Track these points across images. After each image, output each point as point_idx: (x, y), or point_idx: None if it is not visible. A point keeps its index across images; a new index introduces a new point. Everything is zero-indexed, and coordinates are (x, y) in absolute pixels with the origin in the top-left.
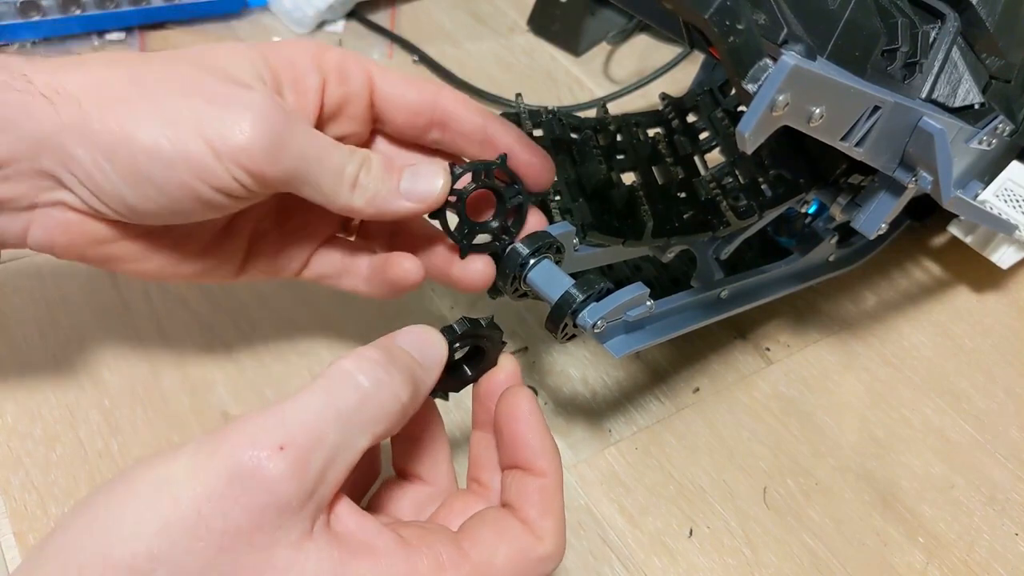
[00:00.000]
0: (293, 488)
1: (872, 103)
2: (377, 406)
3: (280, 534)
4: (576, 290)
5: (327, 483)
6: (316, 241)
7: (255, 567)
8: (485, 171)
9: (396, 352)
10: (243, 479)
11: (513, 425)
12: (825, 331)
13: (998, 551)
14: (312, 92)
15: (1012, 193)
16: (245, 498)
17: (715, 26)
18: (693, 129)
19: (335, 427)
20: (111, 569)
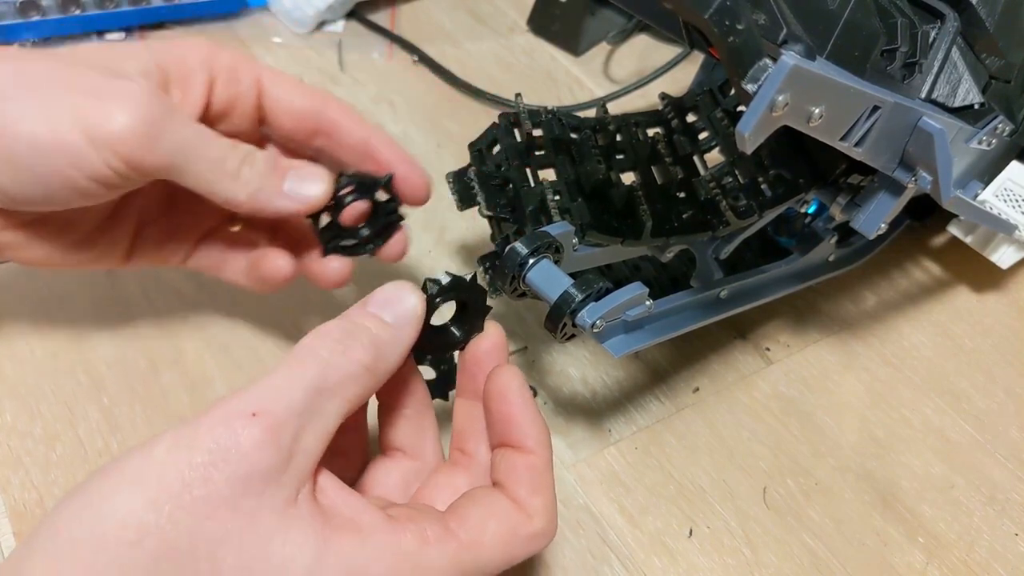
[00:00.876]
0: (270, 454)
1: (872, 103)
2: (340, 372)
3: (263, 500)
4: (575, 290)
5: (305, 451)
6: (200, 232)
7: (239, 533)
8: (371, 185)
9: (357, 320)
10: (221, 450)
11: (502, 405)
12: (825, 331)
13: (998, 551)
14: (198, 89)
15: (1012, 193)
16: (225, 467)
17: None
18: (693, 129)
19: (303, 395)
20: (102, 542)
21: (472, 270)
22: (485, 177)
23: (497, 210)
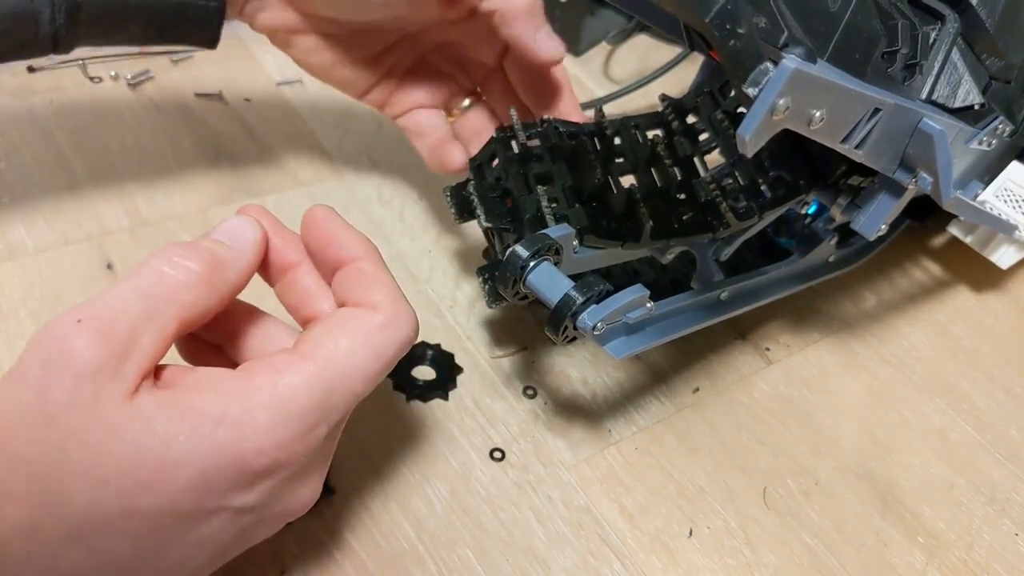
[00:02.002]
0: (98, 352)
1: (873, 105)
2: (173, 280)
3: (102, 396)
4: (576, 292)
5: (140, 349)
6: (429, 99)
7: (84, 430)
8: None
9: (197, 241)
10: (51, 357)
11: (316, 231)
12: (825, 331)
13: (998, 551)
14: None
15: (1012, 193)
16: (56, 372)
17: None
18: (693, 130)
19: (135, 299)
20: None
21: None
22: (484, 190)
23: (497, 221)
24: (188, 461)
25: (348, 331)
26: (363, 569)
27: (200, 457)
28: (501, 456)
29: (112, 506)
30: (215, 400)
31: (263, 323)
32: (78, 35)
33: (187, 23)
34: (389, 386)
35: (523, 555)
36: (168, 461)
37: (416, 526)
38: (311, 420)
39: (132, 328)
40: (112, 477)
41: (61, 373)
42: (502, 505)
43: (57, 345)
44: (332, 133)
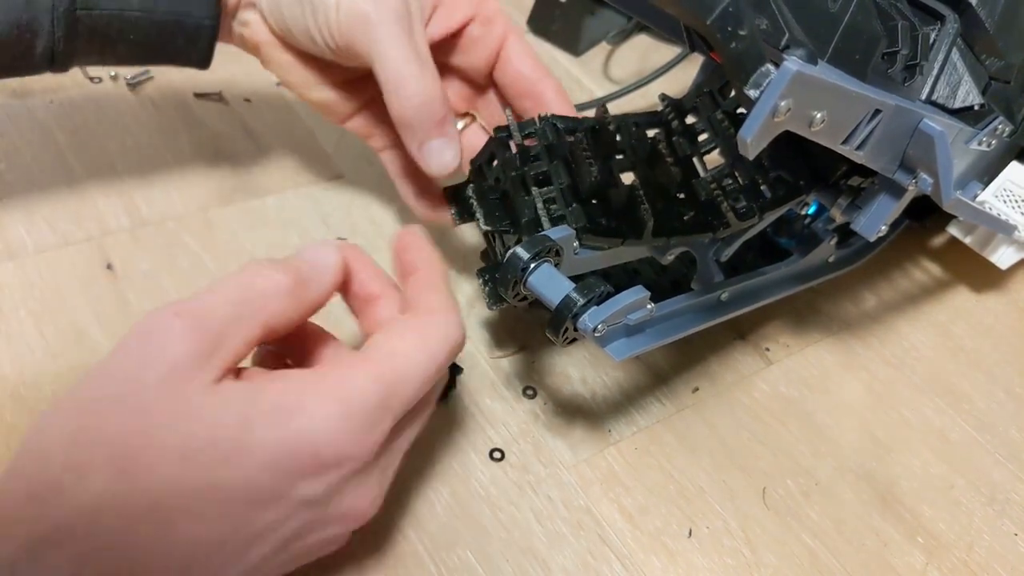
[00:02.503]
0: (191, 345)
1: (874, 107)
2: (263, 289)
3: (190, 382)
4: (576, 294)
5: (227, 345)
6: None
7: (171, 411)
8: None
9: (285, 259)
10: (149, 344)
11: (405, 255)
12: (825, 331)
13: (998, 551)
14: (458, 17)
15: (1011, 194)
16: (152, 357)
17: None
18: (692, 131)
19: (228, 302)
20: (52, 444)
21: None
22: (483, 192)
23: (496, 224)
24: (264, 444)
25: (407, 337)
26: (362, 570)
27: (275, 442)
28: (501, 456)
29: (190, 482)
30: (291, 392)
31: (333, 344)
32: (76, 51)
33: (181, 41)
34: None
35: (523, 555)
36: (246, 442)
37: (416, 527)
38: (375, 416)
39: (222, 327)
40: (193, 453)
41: (156, 358)
42: (502, 505)
43: (155, 334)
44: (332, 133)
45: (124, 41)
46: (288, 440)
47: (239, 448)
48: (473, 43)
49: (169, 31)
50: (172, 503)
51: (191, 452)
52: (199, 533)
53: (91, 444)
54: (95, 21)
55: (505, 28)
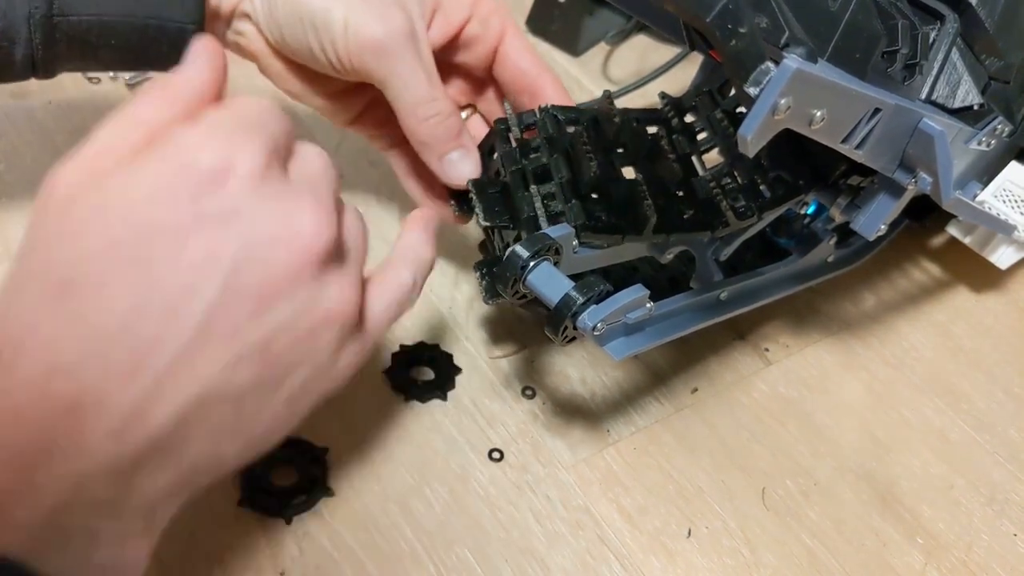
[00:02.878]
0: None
1: (873, 105)
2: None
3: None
4: (576, 293)
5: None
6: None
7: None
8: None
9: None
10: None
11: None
12: (824, 331)
13: (997, 551)
14: (456, 20)
15: (1011, 194)
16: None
17: (717, 30)
18: (691, 129)
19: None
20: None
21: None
22: (483, 186)
23: (495, 220)
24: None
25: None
26: (362, 570)
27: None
28: (500, 456)
29: (218, 275)
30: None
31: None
32: (57, 58)
33: (164, 46)
34: (388, 387)
35: (522, 555)
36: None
37: (415, 527)
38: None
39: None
40: (228, 251)
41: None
42: (501, 505)
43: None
44: (333, 135)
45: (106, 47)
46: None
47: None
48: (471, 41)
49: (151, 36)
50: (193, 297)
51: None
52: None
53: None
54: (73, 28)
55: (503, 25)
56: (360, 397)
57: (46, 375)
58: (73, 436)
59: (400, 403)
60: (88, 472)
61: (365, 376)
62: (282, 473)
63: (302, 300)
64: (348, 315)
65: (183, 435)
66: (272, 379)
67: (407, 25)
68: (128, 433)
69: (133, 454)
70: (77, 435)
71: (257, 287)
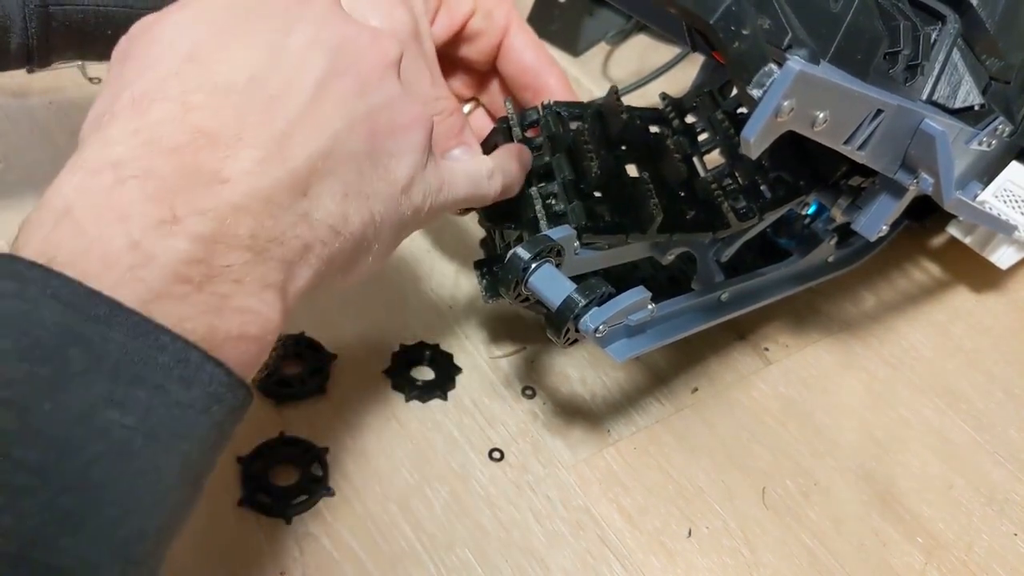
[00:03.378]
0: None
1: (876, 107)
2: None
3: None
4: (578, 295)
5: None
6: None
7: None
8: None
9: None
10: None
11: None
12: (824, 331)
13: (997, 551)
14: (461, 13)
15: (1011, 194)
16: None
17: (720, 31)
18: (692, 130)
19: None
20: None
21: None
22: None
23: (497, 219)
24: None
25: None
26: (362, 570)
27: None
28: (500, 456)
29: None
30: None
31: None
32: (53, 47)
33: None
34: (388, 386)
35: (522, 555)
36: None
37: (415, 527)
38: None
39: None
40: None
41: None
42: (501, 505)
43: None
44: None
45: (103, 36)
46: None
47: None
48: (475, 36)
49: None
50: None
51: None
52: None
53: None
54: (70, 17)
55: (507, 19)
56: (361, 397)
57: (182, 113)
58: (214, 164)
59: (400, 403)
60: (231, 202)
61: (366, 376)
62: (282, 473)
63: (394, 93)
64: (426, 124)
65: (316, 183)
66: (381, 153)
67: (410, 23)
68: (270, 164)
69: (274, 187)
70: (219, 162)
71: (356, 70)
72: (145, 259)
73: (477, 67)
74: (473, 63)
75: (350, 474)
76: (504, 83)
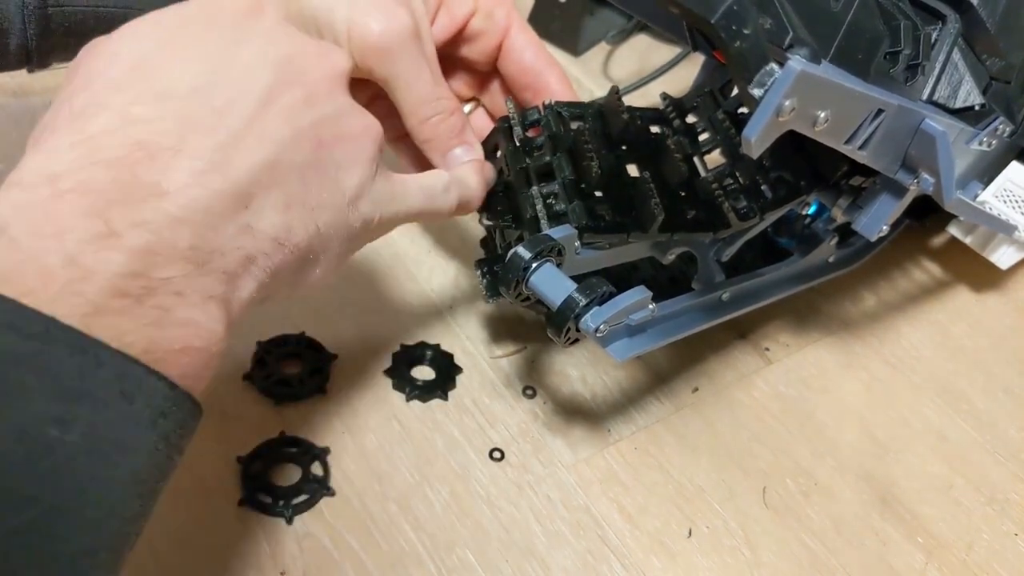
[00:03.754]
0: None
1: (877, 106)
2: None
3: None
4: (578, 294)
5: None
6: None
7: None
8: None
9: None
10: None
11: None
12: (825, 331)
13: (997, 551)
14: (461, 14)
15: (1011, 194)
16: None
17: (722, 31)
18: (693, 130)
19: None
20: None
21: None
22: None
23: (499, 219)
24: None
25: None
26: (363, 570)
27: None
28: (500, 456)
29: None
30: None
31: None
32: (52, 48)
33: None
34: (388, 386)
35: (522, 555)
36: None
37: (416, 527)
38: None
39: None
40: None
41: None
42: (501, 505)
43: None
44: None
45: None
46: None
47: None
48: (476, 36)
49: None
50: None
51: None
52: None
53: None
54: (68, 18)
55: (508, 19)
56: (361, 397)
57: (123, 124)
58: (153, 175)
59: (401, 403)
60: (170, 214)
61: (366, 376)
62: (283, 473)
63: (342, 105)
64: (375, 134)
65: (259, 195)
66: (327, 164)
67: (411, 24)
68: (211, 175)
69: (213, 199)
70: (158, 174)
71: (302, 83)
72: (82, 274)
73: (478, 67)
74: (474, 63)
75: (350, 474)
76: (505, 83)
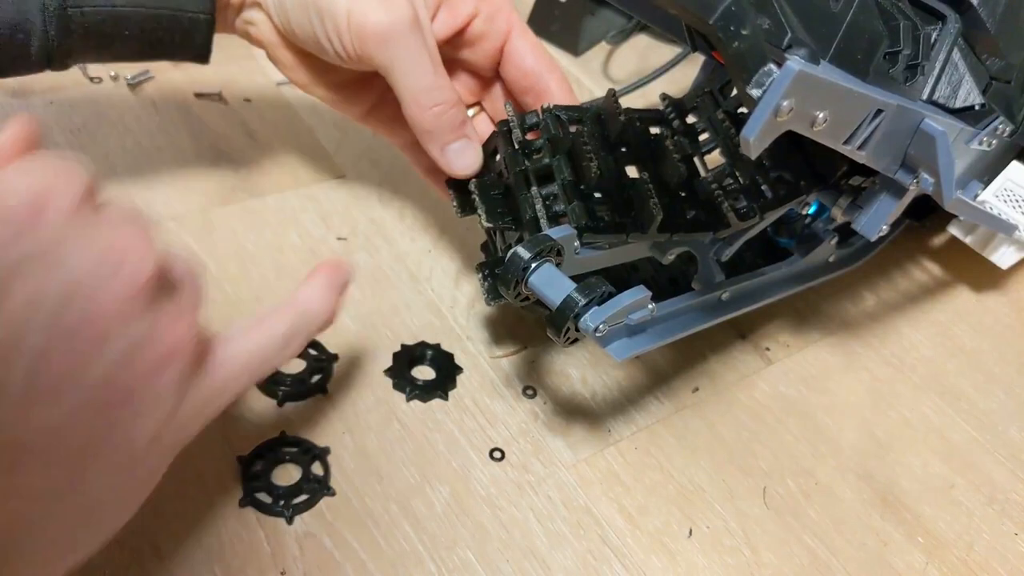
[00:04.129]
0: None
1: (876, 106)
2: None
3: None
4: (578, 294)
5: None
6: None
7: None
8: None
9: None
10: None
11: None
12: (825, 331)
13: (997, 551)
14: (462, 15)
15: (1012, 193)
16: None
17: (720, 31)
18: (693, 130)
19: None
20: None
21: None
22: (486, 187)
23: (498, 221)
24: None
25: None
26: (363, 570)
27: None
28: (501, 456)
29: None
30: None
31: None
32: (72, 50)
33: (178, 36)
34: (389, 386)
35: (523, 555)
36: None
37: (416, 527)
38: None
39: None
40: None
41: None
42: (502, 505)
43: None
44: (332, 133)
45: (120, 38)
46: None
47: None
48: (477, 39)
49: (164, 26)
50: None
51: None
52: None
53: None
54: (88, 19)
55: (509, 23)
56: (361, 397)
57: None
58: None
59: (401, 403)
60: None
61: (366, 376)
62: (283, 473)
63: (136, 334)
64: (184, 352)
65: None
66: (116, 424)
67: (411, 13)
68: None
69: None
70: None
71: (87, 324)
72: None
73: (480, 72)
74: (476, 68)
75: (351, 474)
76: (506, 87)
